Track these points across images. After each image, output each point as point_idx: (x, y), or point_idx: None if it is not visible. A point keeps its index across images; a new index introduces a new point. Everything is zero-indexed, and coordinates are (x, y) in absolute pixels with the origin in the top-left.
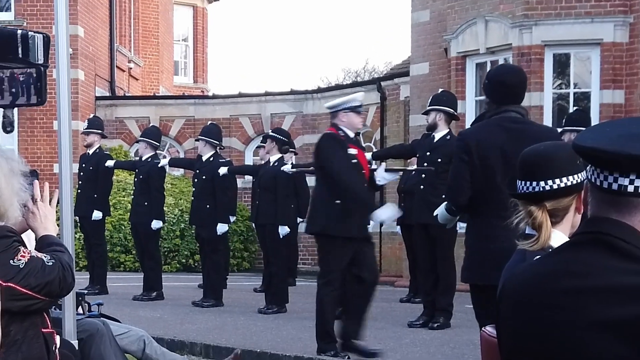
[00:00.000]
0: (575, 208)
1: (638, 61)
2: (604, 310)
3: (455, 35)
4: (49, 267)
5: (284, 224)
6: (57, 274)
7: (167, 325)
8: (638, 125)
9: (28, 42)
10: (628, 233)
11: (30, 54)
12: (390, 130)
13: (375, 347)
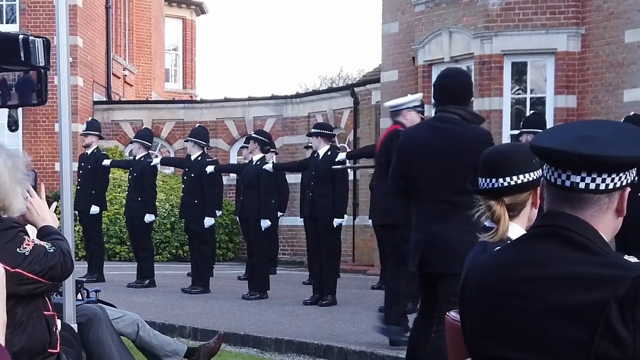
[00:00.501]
0: (531, 203)
1: (589, 69)
2: (559, 297)
3: (422, 45)
4: (50, 253)
5: (266, 217)
6: (58, 259)
7: (158, 310)
8: (589, 128)
9: (29, 46)
10: (581, 226)
11: (31, 57)
12: (362, 132)
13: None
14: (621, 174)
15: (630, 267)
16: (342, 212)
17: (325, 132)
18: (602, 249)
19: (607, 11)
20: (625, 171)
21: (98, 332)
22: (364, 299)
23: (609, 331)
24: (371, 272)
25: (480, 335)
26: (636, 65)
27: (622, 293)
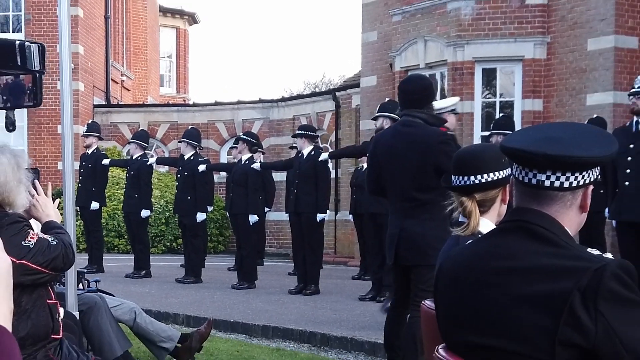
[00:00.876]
0: (501, 199)
1: (554, 75)
2: (526, 287)
3: (399, 52)
4: (53, 246)
5: (254, 213)
6: (60, 251)
7: (154, 299)
8: (555, 129)
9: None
10: (547, 221)
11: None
12: (343, 134)
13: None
14: (584, 172)
15: (593, 259)
16: (324, 208)
17: (309, 134)
18: (566, 242)
19: (570, 21)
20: (587, 170)
21: (98, 319)
22: (344, 288)
23: (573, 319)
24: (352, 264)
25: (453, 323)
26: (598, 71)
27: (585, 283)
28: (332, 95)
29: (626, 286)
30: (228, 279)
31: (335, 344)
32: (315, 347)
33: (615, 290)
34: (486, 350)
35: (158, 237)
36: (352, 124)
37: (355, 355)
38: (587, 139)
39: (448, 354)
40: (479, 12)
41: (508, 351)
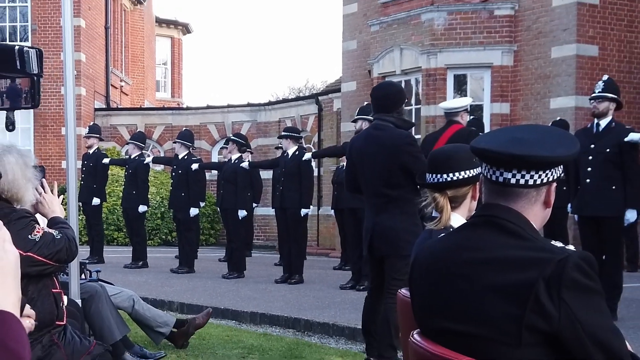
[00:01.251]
0: (471, 196)
1: (520, 80)
2: (495, 277)
3: (377, 60)
4: (57, 240)
5: (243, 208)
6: (64, 244)
7: (150, 288)
8: (521, 131)
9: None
10: (513, 216)
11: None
12: (325, 135)
13: None
14: (547, 171)
15: (556, 250)
16: (308, 203)
17: (294, 135)
18: (532, 235)
19: (536, 30)
20: (550, 169)
21: (99, 307)
22: (326, 278)
23: (538, 306)
24: (333, 255)
25: (427, 310)
26: (561, 77)
27: (549, 273)
28: (315, 100)
29: (587, 276)
30: (219, 269)
31: (317, 329)
32: (299, 332)
33: (577, 279)
34: (458, 335)
35: (154, 230)
36: (333, 126)
37: (336, 340)
38: (551, 140)
39: (422, 339)
40: (450, 22)
41: (478, 336)
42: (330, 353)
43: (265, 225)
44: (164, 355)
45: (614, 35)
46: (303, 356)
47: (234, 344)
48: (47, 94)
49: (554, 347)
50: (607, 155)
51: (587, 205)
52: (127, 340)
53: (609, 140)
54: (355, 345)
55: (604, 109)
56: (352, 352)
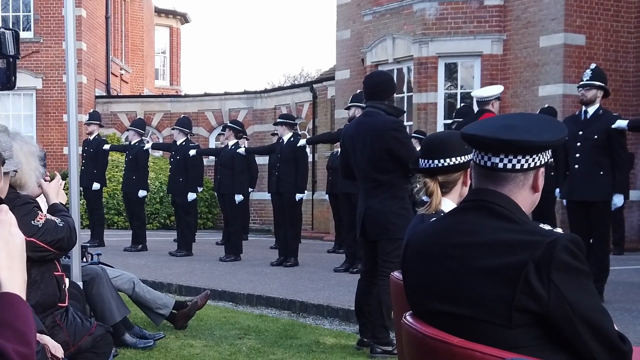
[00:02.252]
0: (462, 182)
1: (510, 69)
2: (486, 259)
3: (370, 48)
4: (60, 227)
5: (239, 193)
6: (66, 233)
7: (150, 270)
8: (512, 118)
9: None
10: (503, 200)
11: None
12: (320, 122)
13: None
14: (534, 156)
15: (545, 233)
16: (303, 188)
17: (289, 122)
18: (521, 218)
19: (524, 20)
20: (537, 154)
21: (99, 289)
22: (321, 261)
23: (528, 287)
24: (327, 239)
25: (420, 292)
26: (549, 65)
27: (538, 255)
28: (309, 87)
29: (575, 257)
30: (216, 252)
31: (312, 310)
32: (294, 314)
33: (566, 261)
34: (449, 316)
35: (153, 214)
36: (327, 113)
37: (330, 321)
38: (539, 126)
39: (415, 321)
40: (442, 12)
41: (469, 317)
42: (325, 334)
43: (261, 209)
44: (163, 336)
45: (600, 24)
46: (298, 337)
47: (231, 325)
48: (49, 82)
49: (544, 328)
50: (595, 142)
51: (576, 190)
52: (127, 322)
53: (596, 127)
54: (349, 327)
55: (592, 97)
56: (346, 333)
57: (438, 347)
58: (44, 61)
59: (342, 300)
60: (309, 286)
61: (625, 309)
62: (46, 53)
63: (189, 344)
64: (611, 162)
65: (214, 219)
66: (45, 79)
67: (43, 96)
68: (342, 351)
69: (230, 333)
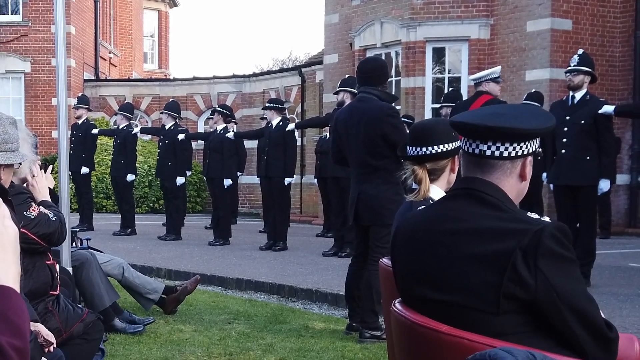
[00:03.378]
0: (450, 169)
1: (497, 53)
2: (474, 246)
3: (358, 33)
4: (52, 221)
5: (228, 177)
6: (57, 227)
7: (139, 254)
8: (502, 108)
9: None
10: (490, 188)
11: None
12: (308, 105)
13: None
14: (521, 143)
15: (532, 222)
16: (291, 172)
17: (278, 106)
18: (508, 207)
19: (512, 5)
20: (525, 142)
21: (89, 274)
22: (310, 245)
23: (515, 274)
24: (316, 222)
25: (409, 279)
26: (536, 50)
27: (526, 243)
28: (298, 71)
29: (562, 245)
30: (205, 236)
31: (301, 295)
32: (283, 298)
33: (553, 249)
34: (438, 304)
35: (142, 198)
36: (316, 97)
37: (319, 306)
38: (527, 115)
39: (404, 308)
40: None
41: (458, 304)
42: (314, 318)
43: (249, 193)
44: (153, 321)
45: (587, 9)
46: (287, 321)
47: (220, 310)
48: (38, 65)
49: (531, 314)
50: (582, 127)
51: (563, 174)
52: (116, 306)
53: (584, 112)
54: (338, 311)
55: (579, 82)
56: (335, 317)
57: (427, 334)
58: (32, 45)
59: (331, 284)
60: (297, 270)
61: (611, 293)
62: (35, 36)
63: (178, 329)
64: (598, 147)
65: (203, 202)
66: (33, 62)
67: (31, 80)
68: (331, 336)
69: (219, 318)
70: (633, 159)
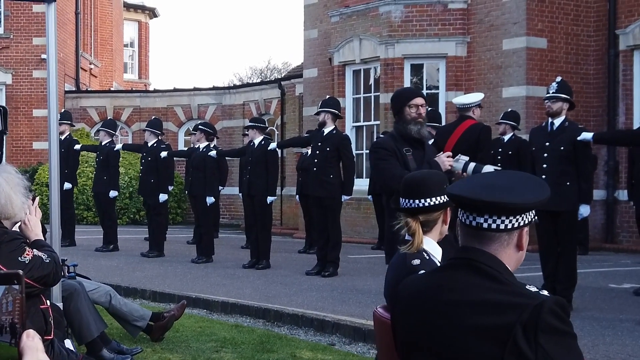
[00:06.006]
0: (442, 220)
1: (474, 70)
2: (474, 319)
3: (337, 49)
4: (46, 263)
5: (211, 195)
6: (52, 269)
7: (122, 273)
8: (496, 178)
9: None
10: (489, 259)
11: None
12: (288, 118)
13: None
14: (517, 216)
15: (532, 295)
16: (273, 190)
17: (260, 125)
18: (507, 279)
19: (488, 23)
20: (521, 214)
21: (77, 304)
22: (292, 262)
23: (516, 349)
24: (297, 236)
25: (410, 346)
26: (512, 68)
27: (526, 318)
28: (278, 84)
29: (561, 320)
30: (188, 252)
31: (287, 319)
32: (269, 323)
33: (552, 324)
34: None
35: (123, 209)
36: (295, 109)
37: (305, 331)
38: (521, 187)
39: None
40: (407, 15)
41: None
42: (301, 347)
43: (230, 204)
44: (141, 351)
45: (561, 28)
46: (274, 350)
47: (207, 337)
48: (19, 77)
49: None
50: (562, 153)
51: None
52: (104, 336)
53: (562, 138)
54: (324, 337)
55: (558, 109)
56: (322, 345)
57: None
58: (13, 57)
59: (316, 307)
60: (282, 291)
61: (594, 318)
62: (16, 49)
63: (166, 358)
64: (577, 173)
65: (183, 214)
66: (15, 74)
67: (13, 91)
68: None
69: (206, 345)
70: (608, 174)
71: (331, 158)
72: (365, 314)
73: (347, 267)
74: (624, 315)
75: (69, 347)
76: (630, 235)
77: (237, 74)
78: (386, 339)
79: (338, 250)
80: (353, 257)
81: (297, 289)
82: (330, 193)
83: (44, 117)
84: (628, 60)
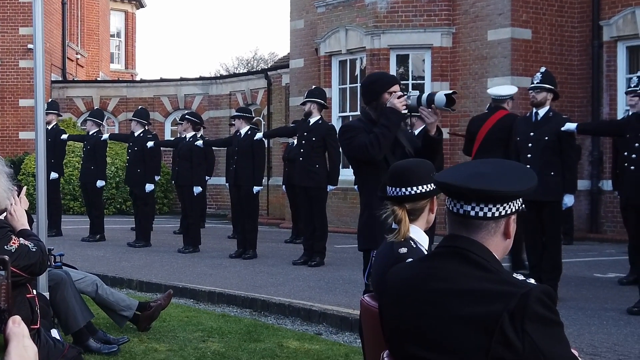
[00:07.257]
0: (429, 209)
1: (459, 61)
2: (462, 308)
3: (324, 39)
4: (32, 252)
5: (198, 185)
6: (39, 258)
7: (109, 263)
8: (483, 166)
9: None
10: (476, 247)
11: None
12: (274, 108)
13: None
14: (505, 204)
15: (519, 284)
16: (260, 180)
17: (246, 115)
18: (494, 267)
19: (473, 14)
20: (508, 202)
21: (64, 294)
22: (279, 252)
23: (503, 338)
24: (284, 226)
25: (397, 336)
26: (497, 58)
27: (513, 307)
28: (264, 75)
29: (548, 308)
30: (174, 242)
31: (274, 309)
32: (256, 312)
33: (539, 312)
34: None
35: (109, 199)
36: (282, 100)
37: (292, 321)
38: (510, 175)
39: None
40: (393, 5)
41: None
42: (288, 336)
43: (217, 194)
44: (127, 340)
45: (545, 19)
46: (261, 339)
47: (193, 326)
48: (5, 67)
49: None
50: (546, 143)
51: None
52: (91, 326)
53: (547, 128)
54: (311, 327)
55: (542, 99)
56: (309, 334)
57: None
58: (0, 46)
59: (303, 296)
60: (268, 281)
61: (579, 308)
62: (2, 38)
63: (153, 348)
64: (561, 163)
65: (170, 204)
66: (1, 64)
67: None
68: (305, 356)
69: (193, 335)
70: (593, 165)
71: (317, 148)
72: (352, 303)
73: (333, 257)
74: (608, 305)
75: (56, 337)
76: (615, 225)
77: (223, 64)
78: (373, 327)
79: (324, 240)
80: (340, 247)
81: (284, 279)
82: (317, 183)
83: (30, 107)
84: (612, 51)
